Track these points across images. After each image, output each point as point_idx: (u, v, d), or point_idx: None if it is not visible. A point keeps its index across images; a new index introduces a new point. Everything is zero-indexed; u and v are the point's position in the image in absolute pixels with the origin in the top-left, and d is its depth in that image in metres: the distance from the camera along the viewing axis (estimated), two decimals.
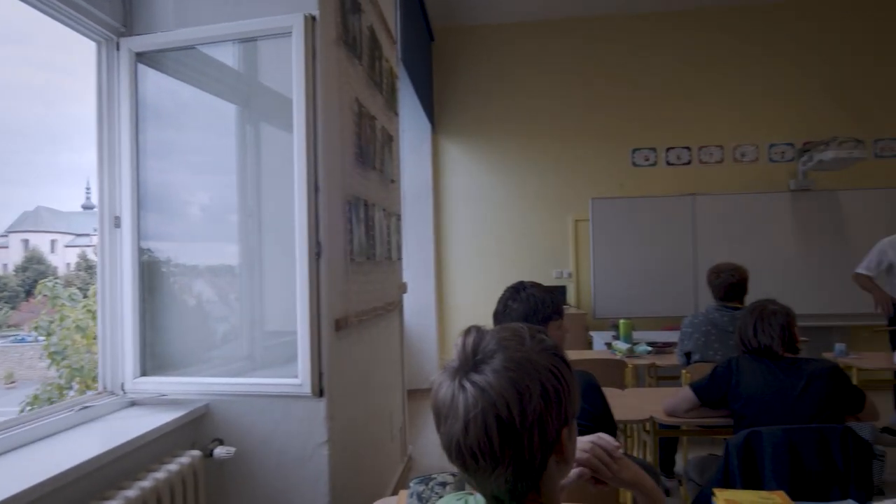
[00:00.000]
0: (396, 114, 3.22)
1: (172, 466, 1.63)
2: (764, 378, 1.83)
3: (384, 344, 2.93)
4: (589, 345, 4.71)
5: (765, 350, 1.87)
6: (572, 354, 3.55)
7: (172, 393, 1.96)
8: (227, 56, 2.10)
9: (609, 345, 3.72)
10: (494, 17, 5.40)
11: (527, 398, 0.64)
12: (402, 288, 3.41)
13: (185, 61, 2.08)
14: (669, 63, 5.36)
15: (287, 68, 1.89)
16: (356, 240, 2.25)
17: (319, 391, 1.88)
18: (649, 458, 2.57)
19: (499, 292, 1.73)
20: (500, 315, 1.66)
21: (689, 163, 5.34)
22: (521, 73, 5.49)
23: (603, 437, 0.94)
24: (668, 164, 5.36)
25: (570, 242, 5.42)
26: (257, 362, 2.13)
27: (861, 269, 4.06)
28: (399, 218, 3.28)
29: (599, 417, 1.68)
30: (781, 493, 1.32)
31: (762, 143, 5.28)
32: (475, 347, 0.69)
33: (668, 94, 5.36)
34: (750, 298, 2.33)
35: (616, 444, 0.95)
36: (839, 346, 3.53)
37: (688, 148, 5.34)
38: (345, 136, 2.17)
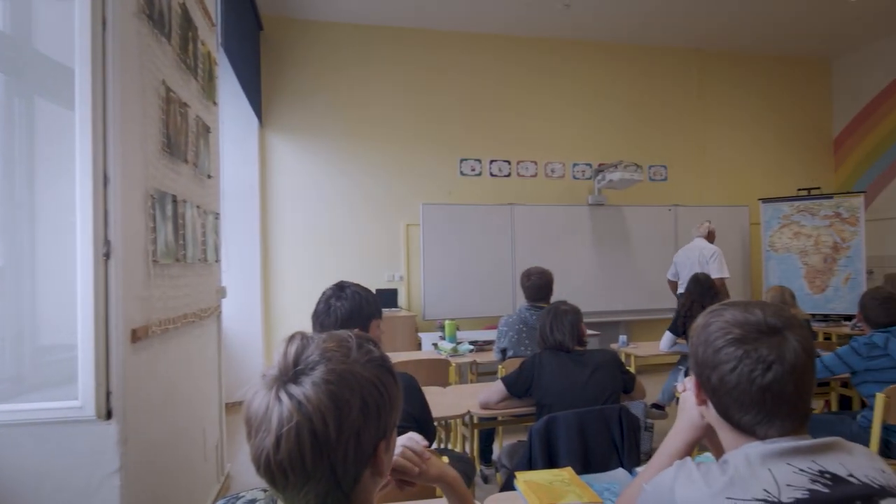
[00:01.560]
0: (215, 103, 2.96)
1: None
2: (560, 370, 2.08)
3: (198, 354, 2.66)
4: (418, 345, 4.86)
5: (559, 345, 2.12)
6: (402, 355, 3.63)
7: None
8: None
9: (435, 345, 3.88)
10: (329, 14, 5.29)
11: (345, 413, 0.63)
12: (221, 292, 3.14)
13: None
14: (494, 81, 5.82)
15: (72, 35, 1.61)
16: (161, 239, 2.01)
17: (107, 413, 1.63)
18: (468, 450, 2.73)
19: None
20: (322, 315, 1.61)
21: (509, 175, 5.85)
22: (355, 74, 5.47)
23: (413, 438, 0.97)
24: (492, 175, 5.81)
25: (402, 246, 5.54)
26: (25, 384, 1.78)
27: (669, 276, 5.01)
28: (217, 216, 3.02)
29: (419, 417, 1.74)
30: (569, 468, 1.51)
31: (568, 161, 6.01)
32: (297, 357, 0.66)
33: (492, 110, 5.81)
34: (555, 299, 2.61)
35: (425, 443, 0.98)
36: (622, 338, 4.16)
37: (508, 161, 5.85)
38: (148, 122, 1.92)
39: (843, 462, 0.76)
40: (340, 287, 1.67)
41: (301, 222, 5.31)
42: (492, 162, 5.81)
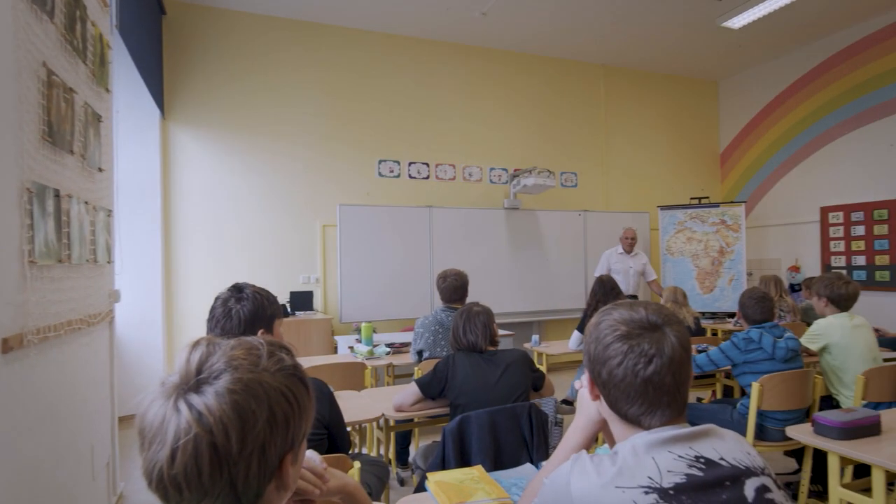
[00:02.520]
0: (108, 90, 2.72)
1: None
2: (472, 370, 2.13)
3: (86, 364, 2.43)
4: (334, 349, 4.76)
5: (472, 346, 2.17)
6: (317, 359, 3.54)
7: None
8: None
9: (352, 348, 3.82)
10: (241, 3, 5.05)
11: (250, 425, 0.59)
12: (114, 296, 2.89)
13: None
14: (413, 84, 5.83)
15: None
16: (41, 238, 1.81)
17: None
18: (382, 453, 2.71)
19: None
20: (222, 320, 1.52)
21: (427, 177, 5.89)
22: (270, 69, 5.26)
23: (312, 459, 0.94)
24: (410, 176, 5.81)
25: (319, 247, 5.40)
26: None
27: (596, 274, 5.24)
28: (110, 214, 2.77)
29: (330, 424, 1.70)
30: (479, 466, 1.54)
31: (485, 166, 6.16)
32: (201, 364, 0.61)
33: (411, 112, 5.82)
34: (472, 300, 2.64)
35: (319, 458, 0.96)
36: (535, 338, 4.32)
37: (427, 164, 5.89)
38: (24, 107, 1.73)
39: (715, 447, 0.84)
40: (238, 289, 1.60)
41: (209, 222, 5.01)
42: (410, 164, 5.82)
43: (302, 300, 5.06)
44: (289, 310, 4.92)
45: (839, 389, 2.94)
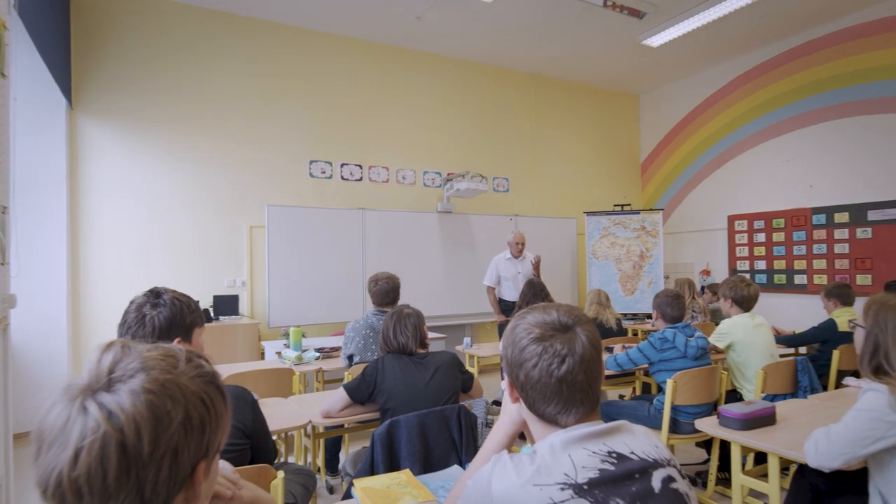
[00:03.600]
0: (4, 75, 2.48)
1: None
2: (402, 373, 2.12)
3: None
4: (261, 355, 4.58)
5: (402, 348, 2.16)
6: (242, 366, 3.39)
7: None
8: None
9: (279, 353, 3.70)
10: None
11: (164, 425, 0.56)
12: (9, 301, 2.62)
13: None
14: (347, 84, 5.75)
15: None
16: None
17: None
18: (310, 461, 2.64)
19: None
20: (133, 326, 1.43)
21: (360, 179, 5.81)
22: (195, 61, 5.00)
23: (221, 469, 0.90)
24: (343, 178, 5.72)
25: (245, 250, 5.19)
26: None
27: (485, 282, 5.26)
28: (4, 211, 2.52)
29: (252, 433, 1.63)
30: (407, 470, 1.53)
31: (419, 169, 6.17)
32: (114, 365, 0.58)
33: (344, 113, 5.73)
34: (405, 303, 2.61)
35: (231, 468, 0.93)
36: (466, 340, 4.38)
37: (360, 165, 5.82)
38: None
39: (626, 442, 0.89)
40: (155, 294, 1.51)
41: (124, 221, 4.68)
42: (343, 165, 5.72)
43: (227, 305, 4.85)
44: (212, 315, 4.69)
45: (742, 384, 3.20)
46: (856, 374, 3.19)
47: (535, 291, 3.83)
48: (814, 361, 3.40)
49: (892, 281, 4.04)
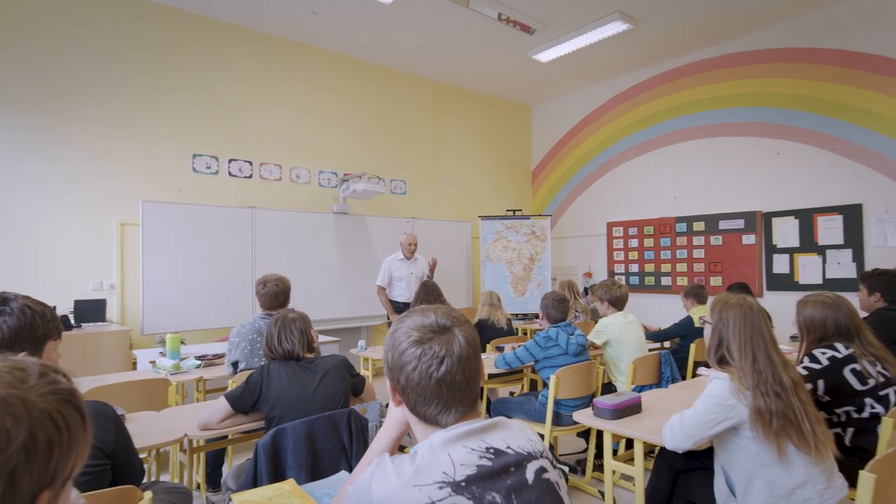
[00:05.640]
0: None
1: None
2: (289, 379, 2.04)
3: None
4: (133, 365, 4.18)
5: (288, 354, 2.08)
6: (110, 377, 3.08)
7: None
8: None
9: (153, 363, 3.39)
10: None
11: (2, 444, 0.50)
12: None
13: None
14: (237, 76, 5.43)
15: None
16: None
17: None
18: (188, 478, 2.45)
19: None
20: None
21: (250, 176, 5.52)
22: (56, 35, 4.43)
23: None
24: (231, 174, 5.39)
25: (115, 249, 4.70)
26: None
27: (377, 282, 5.20)
28: None
29: (114, 453, 1.48)
30: (291, 480, 1.48)
31: (314, 168, 5.99)
32: None
33: (234, 106, 5.41)
34: (299, 306, 2.52)
35: (76, 493, 0.84)
36: (361, 343, 4.32)
37: (250, 162, 5.52)
38: None
39: (503, 437, 0.93)
40: (2, 300, 1.32)
41: None
42: (231, 161, 5.39)
43: (91, 310, 4.35)
44: (72, 322, 4.19)
45: (616, 377, 3.49)
46: (707, 365, 3.61)
47: (429, 292, 3.88)
48: (675, 354, 3.80)
49: (736, 283, 4.63)
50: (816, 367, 2.10)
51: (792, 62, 5.51)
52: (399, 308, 5.13)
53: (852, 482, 1.54)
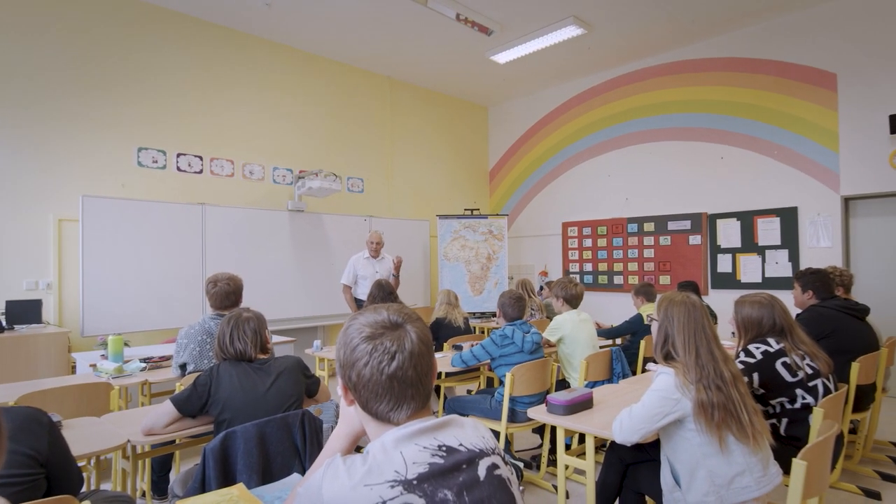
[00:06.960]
0: None
1: None
2: (240, 381, 1.98)
3: None
4: (72, 369, 3.96)
5: (241, 355, 2.02)
6: (46, 382, 2.92)
7: None
8: None
9: (94, 366, 3.23)
10: None
11: None
12: None
13: None
14: (186, 66, 5.22)
15: None
16: None
17: None
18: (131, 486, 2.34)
19: None
20: None
21: (201, 172, 5.32)
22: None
23: None
24: (179, 169, 5.19)
25: (52, 246, 4.44)
26: None
27: (342, 280, 5.15)
28: None
29: (48, 461, 1.40)
30: (240, 485, 1.44)
31: (268, 164, 5.84)
32: None
33: (183, 98, 5.20)
34: (253, 305, 2.44)
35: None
36: (316, 343, 4.25)
37: (200, 157, 5.32)
38: None
39: (456, 435, 0.93)
40: None
41: None
42: (180, 155, 5.19)
43: (25, 311, 4.10)
44: (3, 324, 3.93)
45: (570, 373, 3.56)
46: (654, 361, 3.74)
47: (384, 293, 3.85)
48: (626, 350, 3.93)
49: (684, 281, 4.82)
50: (751, 360, 2.22)
51: (735, 71, 5.78)
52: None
53: (786, 469, 1.63)
